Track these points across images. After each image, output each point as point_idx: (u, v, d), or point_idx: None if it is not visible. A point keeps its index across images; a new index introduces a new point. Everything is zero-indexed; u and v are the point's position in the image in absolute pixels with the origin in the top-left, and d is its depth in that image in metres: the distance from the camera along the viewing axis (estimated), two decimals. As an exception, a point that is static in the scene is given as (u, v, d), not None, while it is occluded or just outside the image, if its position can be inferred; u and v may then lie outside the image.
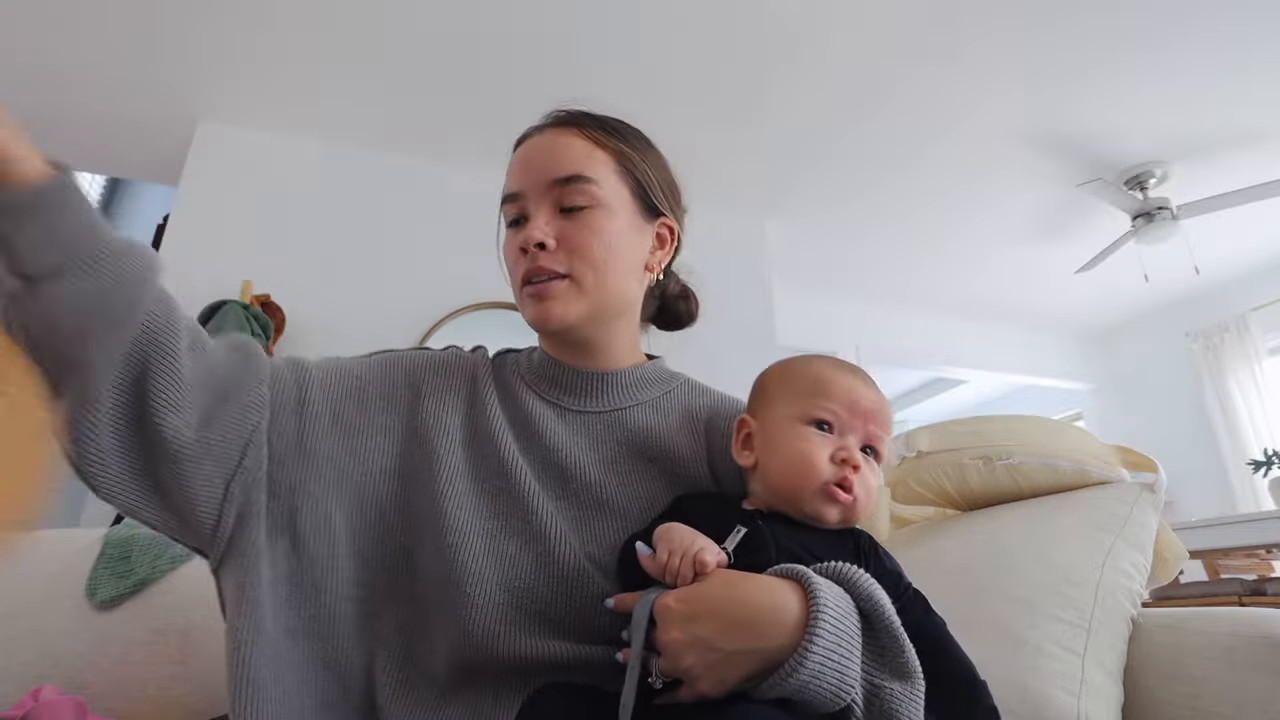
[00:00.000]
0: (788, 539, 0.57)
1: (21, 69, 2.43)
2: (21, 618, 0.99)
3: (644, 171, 0.74)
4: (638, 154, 0.74)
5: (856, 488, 0.59)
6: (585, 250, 0.68)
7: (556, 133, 0.72)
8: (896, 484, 1.20)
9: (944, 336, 4.43)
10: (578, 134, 0.72)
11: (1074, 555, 0.91)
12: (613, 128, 0.74)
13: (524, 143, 0.74)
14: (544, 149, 0.71)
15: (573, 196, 0.69)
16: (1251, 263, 4.02)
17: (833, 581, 0.52)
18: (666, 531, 0.55)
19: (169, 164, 2.82)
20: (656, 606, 0.51)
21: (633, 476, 0.69)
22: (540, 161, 0.70)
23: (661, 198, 0.76)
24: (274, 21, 2.26)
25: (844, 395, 0.63)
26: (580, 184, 0.69)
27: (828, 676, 0.47)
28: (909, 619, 0.52)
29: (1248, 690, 0.72)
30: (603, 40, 2.34)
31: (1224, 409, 4.12)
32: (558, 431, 0.71)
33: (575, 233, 0.68)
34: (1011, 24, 2.30)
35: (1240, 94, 2.67)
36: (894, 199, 3.27)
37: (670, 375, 0.79)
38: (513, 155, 0.74)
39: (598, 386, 0.74)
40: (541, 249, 0.67)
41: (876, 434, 0.62)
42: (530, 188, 0.70)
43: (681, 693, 0.49)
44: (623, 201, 0.72)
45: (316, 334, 2.53)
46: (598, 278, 0.69)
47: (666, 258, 0.78)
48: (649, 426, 0.72)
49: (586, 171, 0.69)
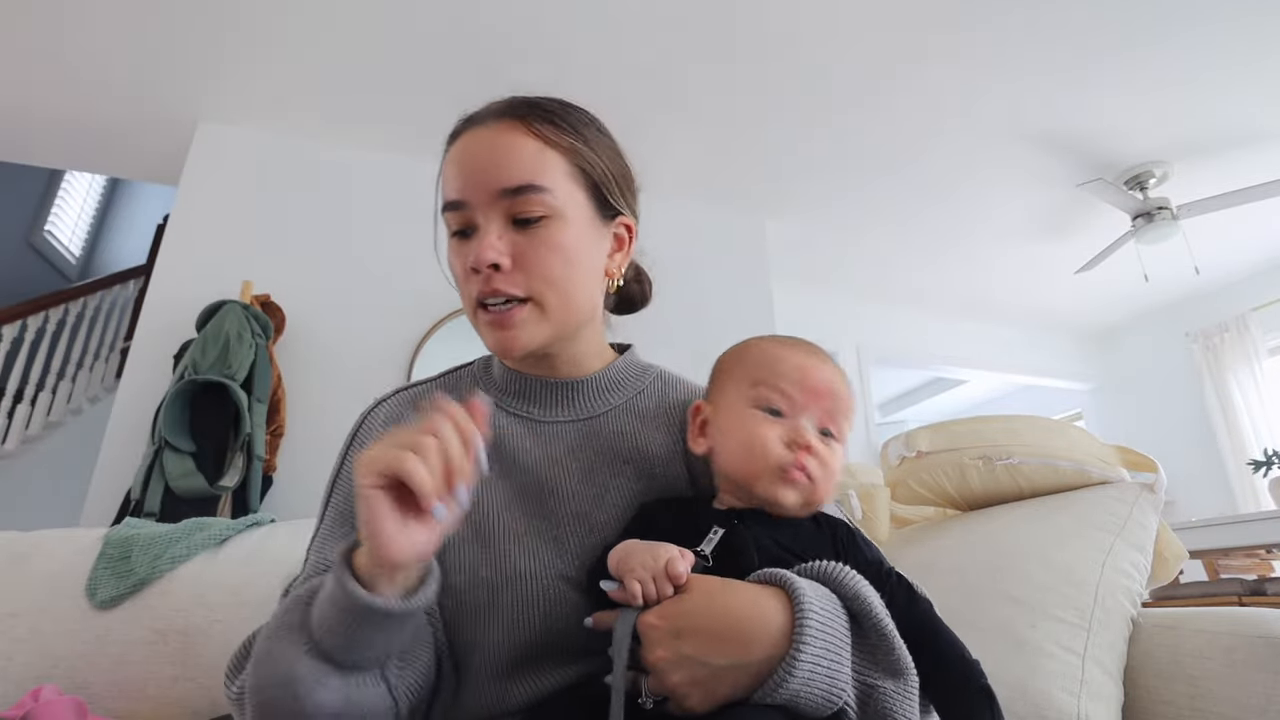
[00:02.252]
0: (767, 538, 0.55)
1: (22, 69, 2.43)
2: (21, 618, 0.99)
3: (600, 169, 0.67)
4: (591, 149, 0.67)
5: (812, 470, 0.57)
6: (545, 271, 0.62)
7: (500, 130, 0.64)
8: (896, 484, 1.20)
9: (944, 336, 4.43)
10: (525, 131, 0.63)
11: (1074, 555, 0.91)
12: (562, 120, 0.66)
13: (462, 138, 0.66)
14: (488, 151, 0.63)
15: (526, 208, 0.61)
16: (1251, 263, 4.02)
17: (817, 581, 0.50)
18: (625, 557, 0.53)
19: (169, 164, 2.82)
20: (639, 625, 0.49)
21: (611, 485, 0.66)
22: (485, 166, 0.62)
23: (618, 195, 0.69)
24: (274, 22, 2.26)
25: (794, 374, 0.60)
26: (533, 194, 0.61)
27: (818, 684, 0.46)
28: (895, 607, 0.51)
29: (1248, 690, 0.72)
30: (603, 40, 2.34)
31: (1224, 409, 4.12)
32: (530, 447, 0.67)
33: (532, 251, 0.61)
34: (1011, 24, 2.30)
35: (1240, 94, 2.66)
36: (894, 199, 3.27)
37: (642, 370, 0.75)
38: (449, 151, 0.66)
39: (568, 395, 0.70)
40: (496, 269, 0.61)
41: (832, 413, 0.59)
42: (476, 196, 0.62)
43: (671, 708, 0.48)
44: (578, 207, 0.65)
45: (316, 334, 2.53)
46: (560, 299, 0.63)
47: (626, 259, 0.71)
48: (625, 431, 0.69)
49: (540, 180, 0.62)
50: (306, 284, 2.59)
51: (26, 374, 3.71)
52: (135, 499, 2.00)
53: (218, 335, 2.15)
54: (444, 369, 0.77)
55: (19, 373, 3.59)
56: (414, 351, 2.64)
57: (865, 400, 3.99)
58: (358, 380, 2.50)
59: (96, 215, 5.59)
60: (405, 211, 2.80)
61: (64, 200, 5.19)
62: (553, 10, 2.22)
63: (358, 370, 2.52)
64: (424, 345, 2.65)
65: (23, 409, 3.46)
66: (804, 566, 0.52)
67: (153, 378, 2.32)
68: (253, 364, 2.20)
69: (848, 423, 0.60)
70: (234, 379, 2.12)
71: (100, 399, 3.79)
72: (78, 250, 5.32)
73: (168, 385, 2.21)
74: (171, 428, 2.03)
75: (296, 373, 2.44)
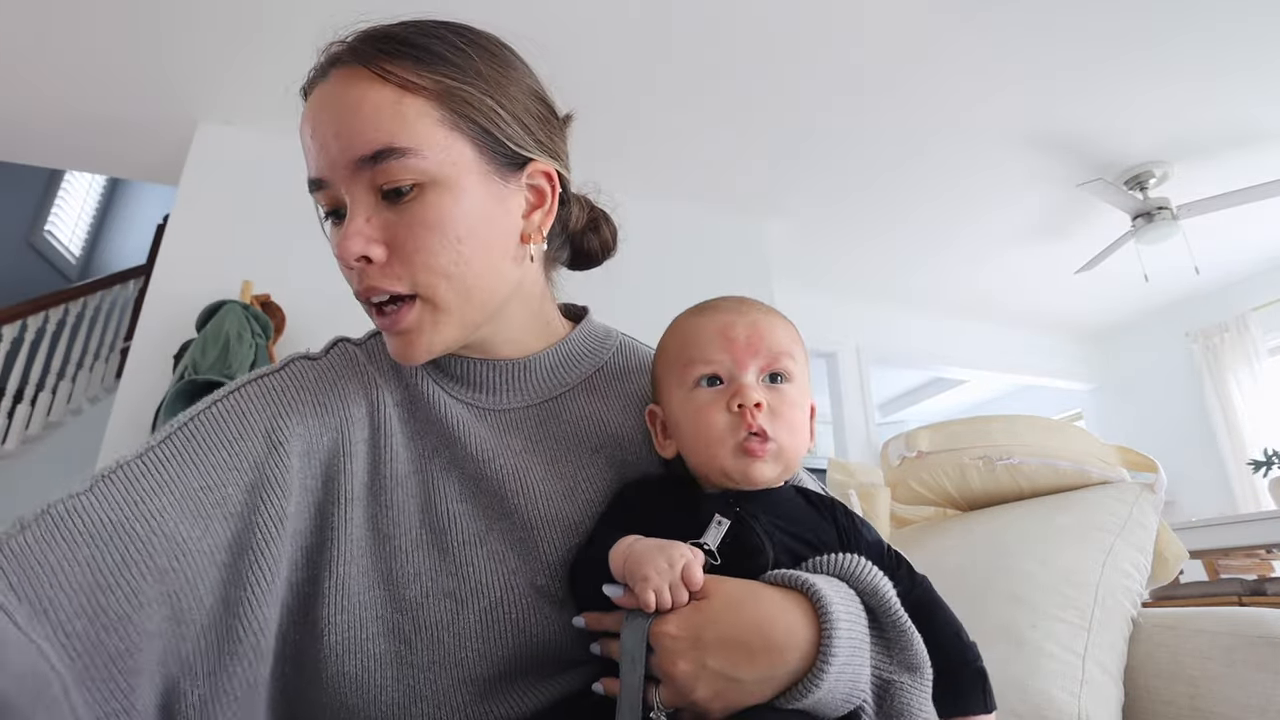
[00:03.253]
0: (773, 526, 0.51)
1: (22, 69, 2.43)
2: (22, 618, 0.99)
3: (488, 109, 0.52)
4: (471, 85, 0.51)
5: (768, 427, 0.51)
6: (427, 256, 0.49)
7: (345, 80, 0.50)
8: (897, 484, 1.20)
9: (944, 336, 4.43)
10: (373, 77, 0.49)
11: (1074, 555, 0.91)
12: (423, 53, 0.50)
13: (313, 91, 0.52)
14: (334, 110, 0.50)
15: (389, 177, 0.49)
16: (1251, 263, 4.02)
17: (835, 577, 0.49)
18: (634, 561, 0.47)
19: (169, 164, 2.83)
20: (655, 634, 0.46)
21: (578, 477, 0.58)
22: (333, 130, 0.49)
23: (522, 138, 0.54)
24: (274, 22, 2.26)
25: (716, 337, 0.54)
26: (395, 159, 0.48)
27: (840, 690, 0.45)
28: (899, 587, 0.50)
29: (1248, 690, 0.72)
30: (604, 40, 2.34)
31: (1224, 409, 4.12)
32: (482, 438, 0.57)
33: (407, 232, 0.49)
34: (1011, 24, 2.30)
35: (1240, 94, 2.67)
36: (894, 199, 3.27)
37: (599, 342, 0.64)
38: (305, 107, 0.53)
39: (515, 377, 0.59)
40: (369, 262, 0.50)
41: (772, 355, 0.53)
42: (333, 171, 0.50)
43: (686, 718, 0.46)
44: (464, 164, 0.50)
45: (316, 334, 2.53)
46: (454, 289, 0.51)
47: (550, 215, 0.57)
48: (587, 414, 0.60)
49: (400, 140, 0.48)
50: (306, 284, 2.59)
51: (26, 374, 3.71)
52: (135, 499, 2.00)
53: (218, 335, 2.15)
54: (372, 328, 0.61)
55: (19, 373, 3.59)
56: (414, 351, 2.64)
57: (865, 400, 4.00)
58: (358, 380, 2.50)
59: (96, 215, 5.59)
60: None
61: (64, 200, 5.19)
62: (552, 10, 2.22)
63: (358, 370, 2.52)
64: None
65: (23, 409, 3.46)
66: (819, 560, 0.49)
67: (153, 378, 2.32)
68: (253, 364, 2.20)
69: (793, 359, 0.54)
70: (234, 379, 2.12)
71: (100, 399, 3.79)
72: (78, 250, 5.33)
73: (168, 385, 2.21)
74: (171, 428, 2.02)
75: (296, 373, 2.44)
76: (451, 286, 0.51)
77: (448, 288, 0.51)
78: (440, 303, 0.51)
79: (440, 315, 0.51)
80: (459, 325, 0.53)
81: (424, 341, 0.52)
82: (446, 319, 0.52)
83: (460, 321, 0.53)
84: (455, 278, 0.51)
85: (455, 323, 0.52)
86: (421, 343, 0.52)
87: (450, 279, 0.50)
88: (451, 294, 0.51)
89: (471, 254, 0.51)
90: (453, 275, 0.50)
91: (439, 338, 0.52)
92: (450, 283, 0.51)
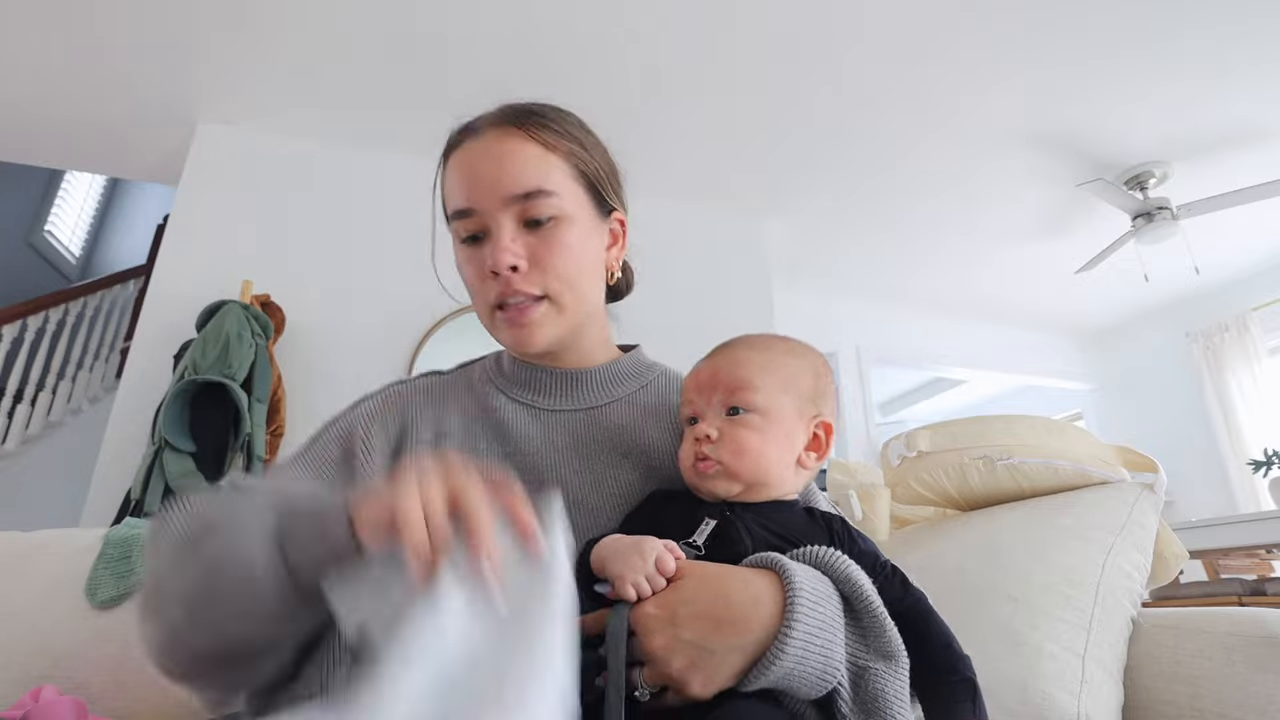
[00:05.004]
0: (761, 528, 0.57)
1: (22, 69, 2.43)
2: (21, 618, 0.99)
3: (594, 169, 0.71)
4: (586, 151, 0.70)
5: (715, 454, 0.59)
6: (559, 269, 0.66)
7: (502, 138, 0.67)
8: (896, 484, 1.20)
9: (944, 336, 4.43)
10: (525, 138, 0.67)
11: (1074, 555, 0.91)
12: (557, 125, 0.69)
13: (461, 148, 0.69)
14: (495, 159, 0.66)
15: (536, 210, 0.65)
16: (1251, 263, 4.02)
17: (810, 566, 0.52)
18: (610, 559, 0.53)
19: (169, 164, 2.83)
20: (634, 616, 0.50)
21: (606, 474, 0.68)
22: (492, 174, 0.65)
23: (611, 192, 0.73)
24: (273, 22, 2.26)
25: (690, 385, 0.65)
26: (543, 198, 0.65)
27: (811, 661, 0.47)
28: (888, 596, 0.52)
29: (1248, 690, 0.72)
30: (605, 41, 2.34)
31: (1224, 409, 4.12)
32: (532, 434, 0.69)
33: (545, 251, 0.65)
34: (1011, 24, 2.30)
35: (1240, 94, 2.66)
36: (894, 199, 3.27)
37: (647, 367, 0.78)
38: (449, 161, 0.70)
39: (572, 385, 0.73)
40: (514, 271, 0.65)
41: (728, 391, 0.61)
42: (485, 203, 0.65)
43: (669, 697, 0.49)
44: (581, 206, 0.69)
45: (316, 334, 2.53)
46: (574, 295, 0.67)
47: (622, 253, 0.76)
48: (624, 423, 0.71)
49: (547, 184, 0.65)
50: (306, 284, 2.59)
51: (26, 374, 3.71)
52: (135, 499, 2.00)
53: (218, 335, 2.15)
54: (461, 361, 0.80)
55: (19, 373, 3.59)
56: (414, 351, 2.64)
57: (865, 400, 4.00)
58: (358, 380, 2.49)
59: (96, 215, 5.59)
60: (405, 211, 2.80)
61: (64, 200, 5.19)
62: (551, 10, 2.22)
63: (358, 370, 2.52)
64: (424, 345, 2.65)
65: (23, 409, 3.46)
66: (797, 552, 0.53)
67: (153, 378, 2.32)
68: (253, 364, 2.20)
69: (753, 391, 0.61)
70: (234, 379, 2.12)
71: (100, 399, 3.79)
72: (78, 250, 5.33)
73: (168, 385, 2.21)
74: (171, 428, 2.03)
75: (296, 373, 2.44)
76: (571, 293, 0.67)
77: (569, 294, 0.67)
78: (561, 305, 0.67)
79: (559, 315, 0.67)
80: (567, 325, 0.68)
81: (542, 333, 0.67)
82: (561, 318, 0.67)
83: (569, 322, 0.68)
84: (574, 288, 0.67)
85: (566, 322, 0.68)
86: (540, 334, 0.67)
87: (571, 289, 0.67)
88: (570, 299, 0.67)
89: (583, 272, 0.68)
90: (573, 286, 0.67)
91: (553, 331, 0.67)
92: (570, 291, 0.67)
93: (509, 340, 0.68)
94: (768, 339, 0.66)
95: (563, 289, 0.66)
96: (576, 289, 0.67)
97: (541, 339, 0.67)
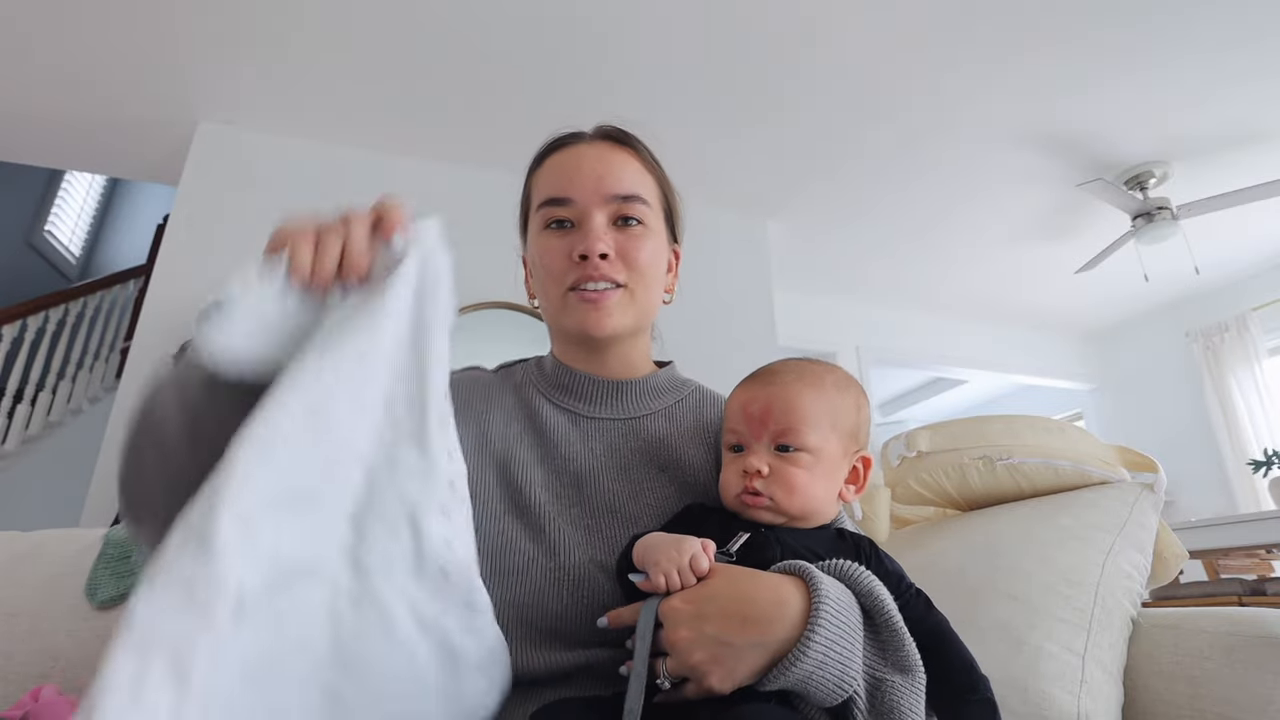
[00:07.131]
0: (792, 541, 0.58)
1: (22, 69, 2.43)
2: (21, 618, 0.99)
3: (673, 200, 0.80)
4: (669, 183, 0.80)
5: (766, 490, 0.60)
6: (642, 264, 0.72)
7: (611, 147, 0.75)
8: (896, 484, 1.20)
9: (944, 336, 4.43)
10: (632, 154, 0.76)
11: (1074, 555, 0.91)
12: (650, 153, 0.78)
13: (566, 148, 0.76)
14: (603, 162, 0.73)
15: (631, 212, 0.72)
16: (1251, 263, 4.02)
17: (835, 578, 0.53)
18: (649, 550, 0.56)
19: (169, 164, 2.83)
20: (662, 608, 0.52)
21: (644, 484, 0.70)
22: (597, 173, 0.72)
23: (679, 225, 0.82)
24: (274, 22, 2.26)
25: (737, 411, 0.65)
26: (639, 204, 0.73)
27: (830, 667, 0.48)
28: (910, 615, 0.53)
29: (1248, 690, 0.72)
30: (607, 43, 2.34)
31: (1224, 409, 4.12)
32: (572, 439, 0.72)
33: (632, 246, 0.72)
34: (1012, 25, 2.30)
35: (1240, 94, 2.67)
36: (894, 199, 3.27)
37: (682, 383, 0.81)
38: (546, 160, 0.76)
39: (614, 394, 0.75)
40: (603, 259, 0.70)
41: (780, 430, 0.62)
42: (585, 196, 0.72)
43: (689, 688, 0.50)
44: (660, 225, 0.76)
45: (316, 334, 2.53)
46: (645, 293, 0.73)
47: (675, 280, 0.82)
48: (662, 435, 0.73)
49: (644, 193, 0.74)
50: (306, 284, 2.58)
51: (26, 374, 3.72)
52: (135, 499, 2.00)
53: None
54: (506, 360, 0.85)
55: (19, 373, 3.59)
56: (414, 351, 2.64)
57: (865, 400, 3.99)
58: (358, 380, 2.50)
59: (96, 215, 5.59)
60: (405, 211, 2.80)
61: (64, 200, 5.20)
62: (551, 11, 2.22)
63: (358, 370, 2.52)
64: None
65: (23, 409, 3.46)
66: (822, 564, 0.54)
67: (153, 378, 2.32)
68: (253, 364, 2.20)
69: (804, 429, 0.62)
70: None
71: (100, 399, 3.79)
72: (78, 250, 5.33)
73: (168, 385, 2.21)
74: (171, 428, 2.02)
75: (296, 373, 2.43)
76: (644, 290, 0.73)
77: (643, 290, 0.73)
78: (636, 296, 0.73)
79: (631, 304, 0.72)
80: (634, 318, 0.73)
81: (612, 320, 0.71)
82: (634, 308, 0.73)
83: (636, 317, 0.73)
84: (648, 288, 0.74)
85: (634, 315, 0.73)
86: (611, 320, 0.71)
87: (645, 287, 0.73)
88: (643, 295, 0.73)
89: (655, 278, 0.75)
90: (647, 285, 0.73)
91: (622, 320, 0.72)
92: (644, 289, 0.73)
93: (579, 320, 0.71)
94: (817, 371, 0.66)
95: (639, 283, 0.72)
96: (649, 289, 0.74)
97: (611, 325, 0.71)
